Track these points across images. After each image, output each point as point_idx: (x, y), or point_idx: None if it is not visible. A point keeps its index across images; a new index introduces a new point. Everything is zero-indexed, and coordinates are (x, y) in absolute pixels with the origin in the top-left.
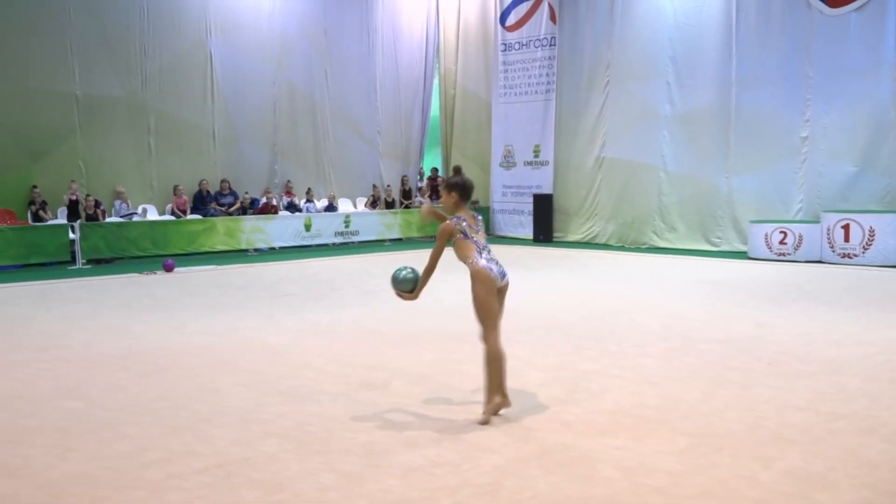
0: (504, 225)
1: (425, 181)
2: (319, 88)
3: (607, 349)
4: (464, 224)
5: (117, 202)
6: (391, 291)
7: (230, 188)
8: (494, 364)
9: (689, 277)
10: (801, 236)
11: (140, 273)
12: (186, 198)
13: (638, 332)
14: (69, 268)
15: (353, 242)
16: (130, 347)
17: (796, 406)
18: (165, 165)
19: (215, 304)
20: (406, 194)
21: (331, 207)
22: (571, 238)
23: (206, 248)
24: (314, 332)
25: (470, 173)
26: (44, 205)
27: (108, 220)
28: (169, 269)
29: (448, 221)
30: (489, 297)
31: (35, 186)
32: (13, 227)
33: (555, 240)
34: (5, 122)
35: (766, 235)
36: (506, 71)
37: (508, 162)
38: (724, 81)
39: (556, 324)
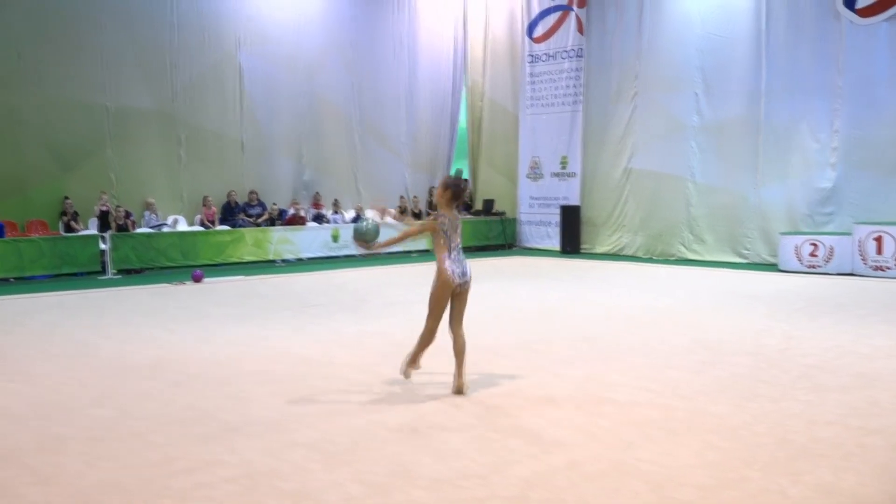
0: (531, 236)
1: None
2: (347, 100)
3: (635, 361)
4: (445, 223)
5: (147, 213)
6: (356, 245)
7: (258, 199)
8: (424, 341)
9: (717, 289)
10: (832, 248)
11: (169, 283)
12: (215, 209)
13: (666, 344)
14: (99, 278)
15: (379, 254)
16: (160, 357)
17: (827, 420)
18: (195, 176)
19: (244, 315)
20: (433, 205)
21: (358, 219)
22: (599, 250)
23: (235, 259)
24: (342, 342)
25: (497, 185)
26: (75, 215)
27: (138, 230)
28: (198, 279)
29: (433, 220)
30: (443, 293)
31: (67, 197)
32: (45, 238)
33: (582, 251)
34: (38, 134)
35: (797, 247)
36: (533, 82)
37: (535, 173)
38: (753, 92)
39: (582, 335)
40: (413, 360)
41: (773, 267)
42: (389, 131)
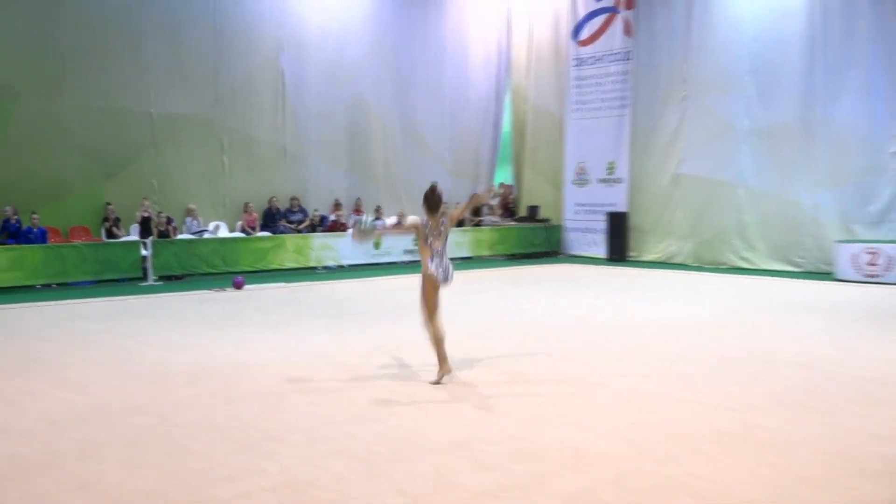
0: (576, 244)
1: (496, 199)
2: (388, 105)
3: (684, 372)
4: (427, 227)
5: (188, 219)
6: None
7: (300, 205)
8: (435, 339)
9: (770, 299)
10: (892, 257)
11: (210, 290)
12: (256, 215)
13: (716, 355)
14: (141, 284)
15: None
16: (200, 364)
17: (885, 436)
18: (236, 182)
19: (284, 322)
20: (476, 212)
21: (400, 225)
22: (646, 258)
23: (276, 266)
24: (384, 351)
25: (542, 191)
26: (117, 221)
27: (179, 236)
28: (239, 286)
29: (420, 223)
30: (432, 294)
31: (109, 203)
32: (87, 244)
33: (629, 259)
34: (81, 141)
35: (854, 256)
36: (579, 86)
37: (581, 179)
38: (807, 94)
39: (630, 345)
40: (442, 364)
41: (828, 276)
42: (431, 136)
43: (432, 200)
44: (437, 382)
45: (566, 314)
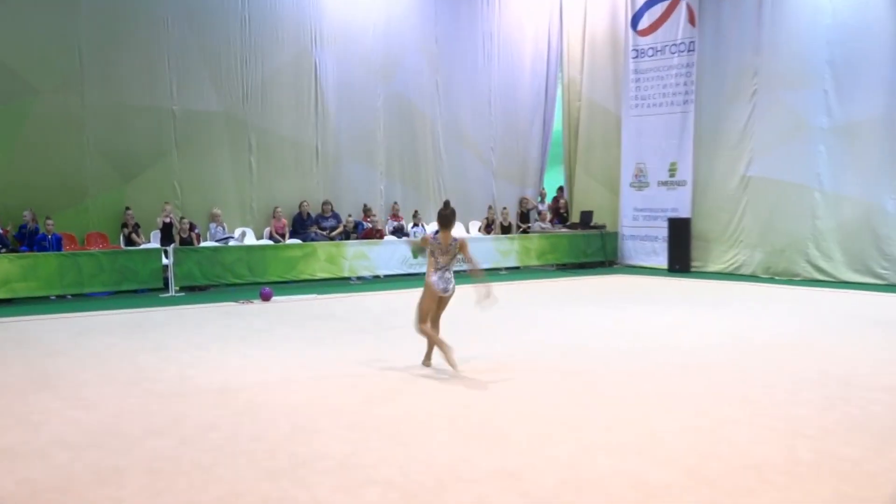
0: (635, 252)
1: (546, 204)
2: (430, 102)
3: (753, 395)
4: (436, 243)
5: (213, 225)
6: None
7: (332, 210)
8: (432, 338)
9: (849, 314)
10: None
11: (236, 302)
12: (285, 221)
13: (789, 376)
14: (162, 295)
15: (465, 271)
16: (226, 382)
17: None
18: (265, 186)
19: (316, 337)
20: (524, 217)
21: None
22: (712, 268)
23: (306, 276)
24: (423, 370)
25: (596, 194)
26: (136, 227)
27: (203, 244)
28: (266, 297)
29: (428, 235)
30: (430, 303)
31: (128, 208)
32: (105, 252)
33: (693, 270)
34: (98, 140)
35: None
36: (637, 80)
37: (640, 182)
38: (892, 87)
39: (693, 365)
40: (450, 361)
41: None
42: (476, 136)
43: (445, 217)
44: (453, 365)
45: (624, 331)
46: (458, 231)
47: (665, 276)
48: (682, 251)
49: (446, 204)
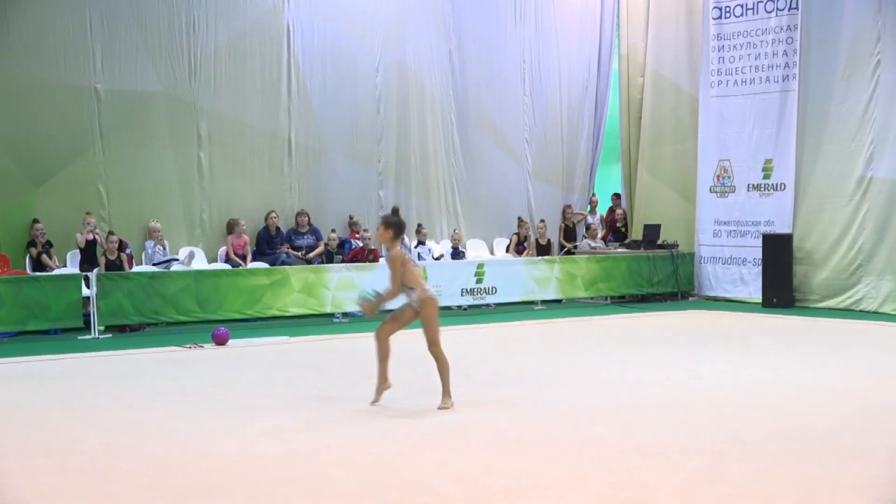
0: (716, 281)
1: (598, 215)
2: (442, 77)
3: (886, 474)
4: (408, 254)
5: (150, 243)
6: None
7: (310, 224)
8: (448, 370)
9: None
10: None
11: (181, 346)
12: (247, 238)
13: None
14: (81, 337)
15: (487, 305)
16: (167, 456)
17: None
18: (220, 191)
19: (287, 394)
20: (568, 233)
21: (456, 253)
22: (822, 302)
23: (275, 312)
24: (430, 436)
25: (665, 202)
26: (48, 246)
27: (136, 269)
28: (221, 340)
29: (397, 250)
30: (438, 318)
31: (36, 220)
32: (4, 279)
33: (797, 305)
34: (1, 131)
35: None
36: (721, 48)
37: (724, 185)
38: None
39: (803, 433)
40: (448, 393)
41: None
42: (504, 124)
43: (402, 227)
44: (443, 407)
45: (701, 391)
46: (477, 250)
47: (759, 312)
48: (781, 279)
49: (395, 211)
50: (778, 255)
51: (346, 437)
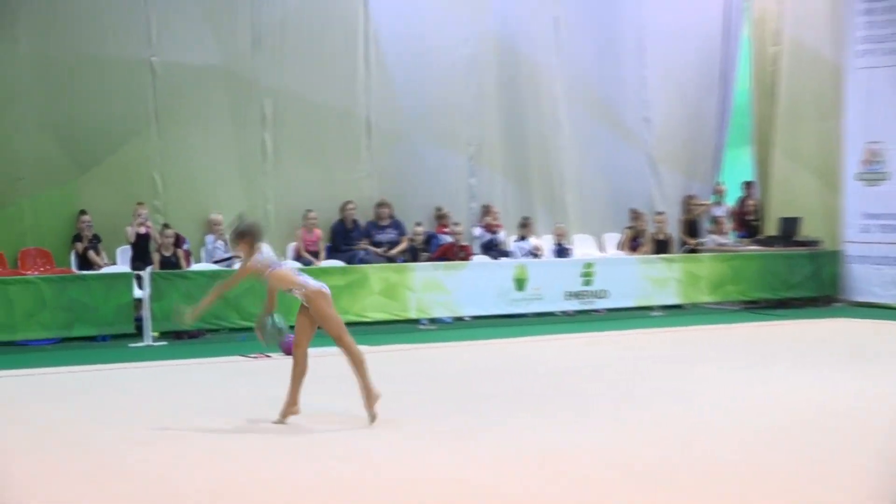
0: (867, 283)
1: (726, 206)
2: (544, 49)
3: None
4: (271, 257)
5: (210, 238)
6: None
7: (391, 216)
8: (364, 365)
9: None
10: None
11: (246, 356)
12: (320, 232)
13: None
14: (132, 345)
15: (597, 311)
16: (231, 482)
17: None
18: (287, 179)
19: (363, 412)
20: (691, 228)
21: (561, 250)
22: None
23: (352, 317)
24: (527, 461)
25: (805, 191)
26: (95, 241)
27: (194, 266)
28: (290, 350)
29: (252, 262)
30: (332, 308)
31: (83, 212)
32: (47, 278)
33: None
34: (41, 112)
35: None
36: (870, 11)
37: (875, 172)
38: None
39: None
40: (369, 394)
41: None
42: (616, 100)
43: (258, 232)
44: (373, 418)
45: (851, 417)
46: (585, 247)
47: None
48: None
49: (241, 217)
50: None
51: (428, 454)
